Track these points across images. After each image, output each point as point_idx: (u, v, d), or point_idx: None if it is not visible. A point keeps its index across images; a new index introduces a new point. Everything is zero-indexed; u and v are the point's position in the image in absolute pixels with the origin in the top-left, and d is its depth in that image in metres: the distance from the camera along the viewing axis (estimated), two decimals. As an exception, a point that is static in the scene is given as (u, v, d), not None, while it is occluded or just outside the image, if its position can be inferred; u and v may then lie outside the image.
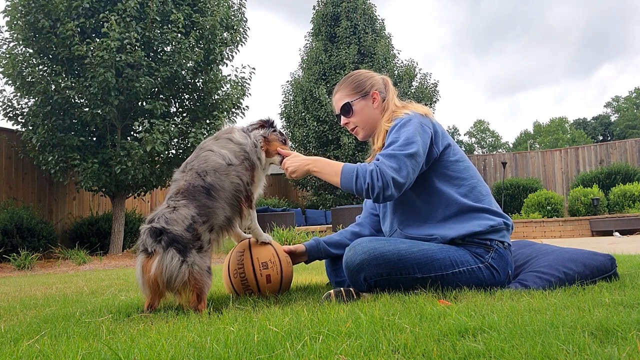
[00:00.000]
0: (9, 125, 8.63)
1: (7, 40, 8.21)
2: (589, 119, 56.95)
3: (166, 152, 8.76)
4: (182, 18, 8.36)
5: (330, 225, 11.38)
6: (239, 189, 2.14)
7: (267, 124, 2.34)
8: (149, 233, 1.97)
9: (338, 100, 2.40)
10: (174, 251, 1.91)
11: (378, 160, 2.05)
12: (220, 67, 9.55)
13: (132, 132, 9.06)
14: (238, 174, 2.14)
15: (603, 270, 2.17)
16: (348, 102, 2.34)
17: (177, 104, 9.64)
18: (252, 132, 2.28)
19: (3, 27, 8.26)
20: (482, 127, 65.38)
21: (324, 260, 2.64)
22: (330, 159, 14.50)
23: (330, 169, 2.13)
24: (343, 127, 2.56)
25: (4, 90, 8.64)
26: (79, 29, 7.93)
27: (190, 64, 8.82)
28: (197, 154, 2.18)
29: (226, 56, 9.55)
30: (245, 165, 2.18)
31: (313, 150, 14.88)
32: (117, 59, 7.72)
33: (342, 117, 2.39)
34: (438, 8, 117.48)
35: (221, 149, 2.16)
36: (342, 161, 15.47)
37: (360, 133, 2.39)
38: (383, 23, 16.10)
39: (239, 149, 2.19)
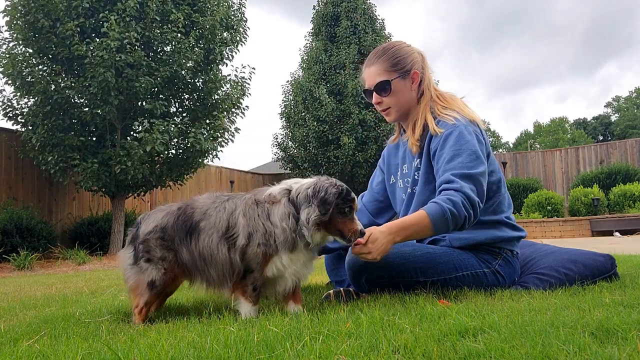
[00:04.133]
0: (9, 125, 8.65)
1: (7, 40, 8.22)
2: (589, 119, 56.98)
3: (166, 152, 8.76)
4: (182, 18, 8.36)
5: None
6: (230, 274, 1.78)
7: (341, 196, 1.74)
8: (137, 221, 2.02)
9: (374, 74, 2.14)
10: (130, 251, 1.90)
11: (452, 182, 1.89)
12: (220, 67, 9.56)
13: (132, 132, 9.06)
14: (247, 261, 1.76)
15: (603, 270, 2.17)
16: (387, 80, 2.10)
17: (177, 104, 9.65)
18: (306, 210, 1.71)
19: (3, 27, 8.27)
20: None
21: (323, 260, 2.63)
22: (330, 159, 14.50)
23: (419, 230, 1.87)
24: (371, 106, 2.29)
25: (4, 90, 8.66)
26: (78, 29, 7.92)
27: (190, 64, 8.82)
28: (221, 205, 1.85)
29: (226, 56, 9.56)
30: (263, 249, 1.73)
31: (313, 150, 14.86)
32: (117, 58, 7.72)
33: (374, 94, 2.16)
34: (438, 6, 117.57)
35: (249, 221, 1.76)
36: (342, 161, 15.28)
37: (393, 115, 2.19)
38: (383, 23, 16.09)
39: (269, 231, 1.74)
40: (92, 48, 7.71)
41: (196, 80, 9.30)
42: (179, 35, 8.51)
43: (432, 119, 2.07)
